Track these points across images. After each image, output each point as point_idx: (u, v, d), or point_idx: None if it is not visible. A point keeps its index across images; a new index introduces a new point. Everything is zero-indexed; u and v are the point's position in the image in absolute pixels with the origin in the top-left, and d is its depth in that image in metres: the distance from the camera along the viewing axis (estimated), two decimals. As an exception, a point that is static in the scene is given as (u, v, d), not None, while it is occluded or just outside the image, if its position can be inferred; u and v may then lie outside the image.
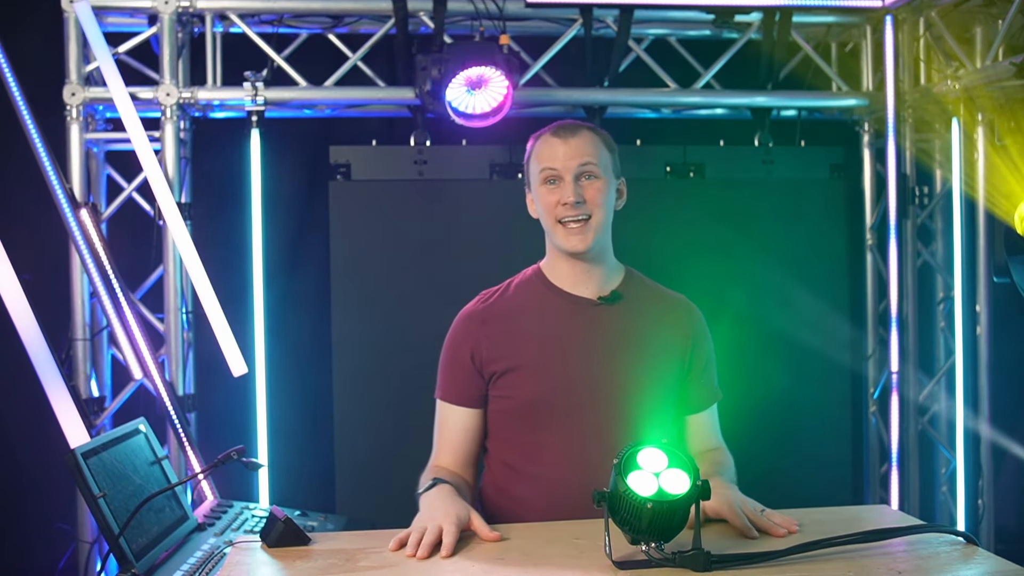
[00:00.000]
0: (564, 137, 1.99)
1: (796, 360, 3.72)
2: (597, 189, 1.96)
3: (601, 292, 2.03)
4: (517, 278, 2.12)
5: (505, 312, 2.04)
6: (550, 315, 2.01)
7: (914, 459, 3.87)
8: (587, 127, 2.03)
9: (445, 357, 2.09)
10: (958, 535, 1.65)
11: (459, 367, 2.05)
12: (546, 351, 1.99)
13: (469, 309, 2.09)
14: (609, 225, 2.01)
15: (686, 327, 2.08)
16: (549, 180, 1.98)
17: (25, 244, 3.04)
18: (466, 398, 2.05)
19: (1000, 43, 3.47)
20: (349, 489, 3.58)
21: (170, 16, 3.44)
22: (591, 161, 1.96)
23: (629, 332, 2.01)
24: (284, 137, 3.78)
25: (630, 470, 1.51)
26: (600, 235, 1.98)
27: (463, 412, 2.05)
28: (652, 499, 1.48)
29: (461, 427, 2.06)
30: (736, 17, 3.64)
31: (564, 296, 2.03)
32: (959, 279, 3.79)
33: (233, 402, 3.57)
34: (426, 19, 3.60)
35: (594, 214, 1.96)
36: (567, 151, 1.96)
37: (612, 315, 2.02)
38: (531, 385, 1.98)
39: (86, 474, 1.87)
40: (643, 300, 2.07)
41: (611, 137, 2.07)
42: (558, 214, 1.97)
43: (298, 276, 3.90)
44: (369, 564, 1.57)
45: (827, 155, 3.94)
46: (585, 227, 1.95)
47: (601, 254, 2.02)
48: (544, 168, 1.98)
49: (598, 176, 1.97)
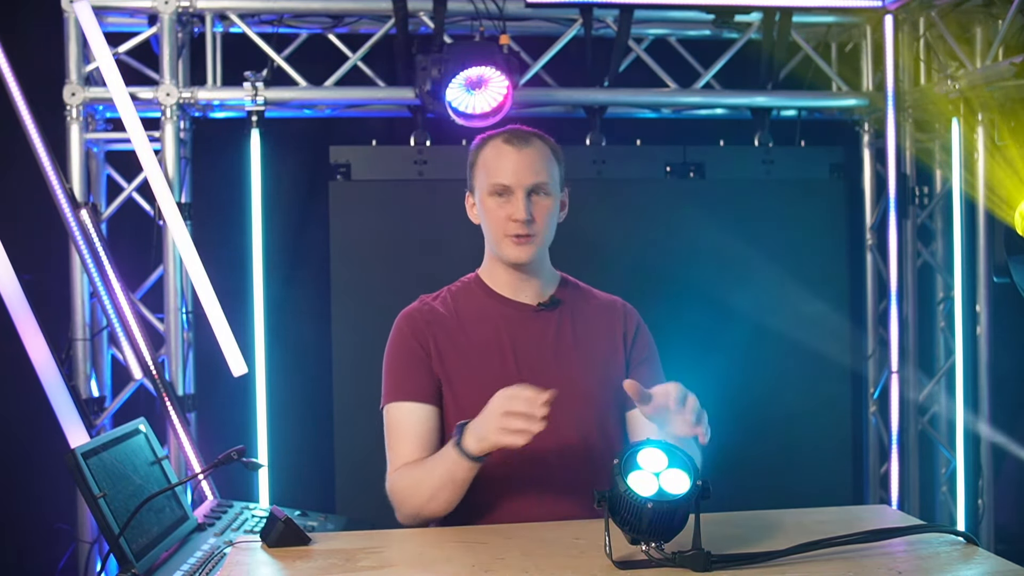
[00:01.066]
0: (517, 147, 1.95)
1: (796, 360, 3.72)
2: (546, 208, 1.95)
3: (540, 298, 2.03)
4: (454, 285, 2.10)
5: (447, 317, 2.01)
6: (493, 320, 2.00)
7: (914, 459, 3.87)
8: (539, 136, 2.01)
9: (394, 357, 2.00)
10: (958, 535, 1.65)
11: (413, 362, 1.97)
12: (491, 356, 1.97)
13: (412, 309, 2.04)
14: (552, 236, 2.02)
15: (623, 325, 2.08)
16: (499, 193, 1.96)
17: (25, 244, 3.05)
18: (425, 394, 1.96)
19: (1000, 43, 3.47)
20: (349, 489, 3.58)
21: (170, 16, 3.44)
22: (543, 180, 1.94)
23: (570, 336, 2.02)
24: (284, 137, 3.78)
25: (630, 470, 1.51)
26: (542, 248, 2.00)
27: (424, 409, 1.96)
28: (652, 499, 1.48)
29: (426, 426, 1.95)
30: (736, 17, 3.64)
31: (505, 302, 2.02)
32: (959, 279, 3.79)
33: (233, 402, 3.57)
34: (426, 19, 3.60)
35: (539, 233, 1.96)
36: (519, 164, 1.93)
37: (552, 320, 2.02)
38: (478, 391, 1.91)
39: (86, 474, 1.87)
40: (580, 304, 2.08)
41: (559, 147, 2.05)
42: (507, 229, 1.95)
43: (298, 276, 3.90)
44: (369, 564, 1.57)
45: (827, 155, 3.94)
46: (530, 241, 1.95)
47: (540, 263, 2.03)
48: (495, 182, 1.96)
49: (548, 194, 1.96)
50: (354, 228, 3.63)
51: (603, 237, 3.61)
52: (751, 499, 2.05)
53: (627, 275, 3.42)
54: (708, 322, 3.63)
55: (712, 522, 1.75)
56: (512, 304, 2.02)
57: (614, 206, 3.71)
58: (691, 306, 3.63)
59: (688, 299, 3.62)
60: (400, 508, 1.92)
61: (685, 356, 3.26)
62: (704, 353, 3.48)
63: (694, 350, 3.43)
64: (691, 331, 3.57)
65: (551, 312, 2.02)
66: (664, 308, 3.34)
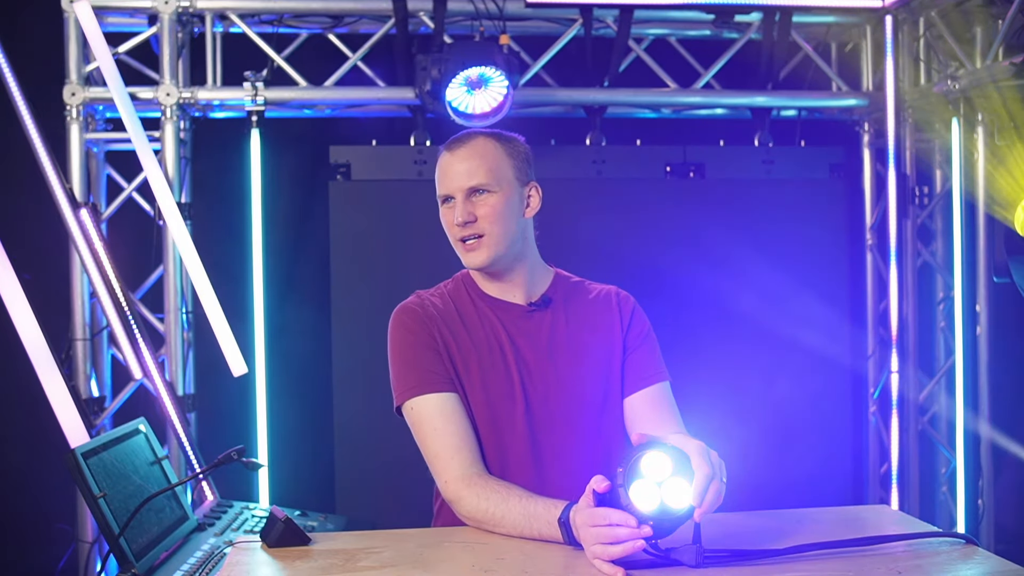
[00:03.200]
0: (454, 151, 1.96)
1: (796, 360, 3.72)
2: (490, 205, 1.91)
3: (530, 298, 2.00)
4: (448, 283, 2.07)
5: (448, 313, 1.99)
6: (485, 322, 1.98)
7: (914, 459, 3.87)
8: (483, 136, 1.98)
9: (406, 350, 1.92)
10: (957, 538, 1.65)
11: (427, 352, 1.90)
12: (493, 355, 1.95)
13: (411, 303, 2.00)
14: (513, 235, 1.94)
15: (618, 315, 2.04)
16: (445, 200, 1.96)
17: (25, 244, 3.04)
18: (449, 382, 1.89)
19: (1000, 43, 3.47)
20: (349, 489, 3.58)
21: (170, 16, 3.44)
22: (481, 179, 1.91)
23: (564, 334, 1.99)
24: (284, 137, 3.78)
25: (633, 479, 1.49)
26: (500, 248, 1.92)
27: (453, 398, 1.88)
28: (654, 516, 1.46)
29: (460, 415, 1.87)
30: (736, 17, 3.64)
31: (496, 303, 1.99)
32: (959, 279, 3.80)
33: (233, 402, 3.57)
34: (426, 19, 3.61)
35: (487, 231, 1.91)
36: (457, 169, 1.93)
37: (545, 319, 1.99)
38: (480, 388, 1.92)
39: (86, 474, 1.87)
40: (574, 301, 2.04)
41: (520, 141, 2.01)
42: (454, 234, 1.95)
43: (298, 276, 3.90)
44: (369, 564, 1.57)
45: (827, 155, 3.95)
46: (480, 243, 1.91)
47: (514, 263, 1.98)
48: (439, 193, 1.96)
49: (491, 191, 1.92)
50: (354, 228, 3.63)
51: (603, 237, 3.61)
52: (751, 499, 2.05)
53: (627, 275, 3.38)
54: (708, 322, 3.63)
55: (711, 521, 1.75)
56: (503, 305, 2.00)
57: (614, 206, 3.71)
58: (691, 306, 3.63)
59: (688, 299, 3.62)
60: (466, 518, 1.81)
61: (685, 356, 3.28)
62: (704, 353, 3.49)
63: (694, 350, 3.45)
64: (691, 331, 3.58)
65: (543, 312, 2.00)
66: (664, 308, 3.34)
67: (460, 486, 1.80)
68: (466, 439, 1.86)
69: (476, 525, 1.79)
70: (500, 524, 1.73)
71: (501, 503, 1.74)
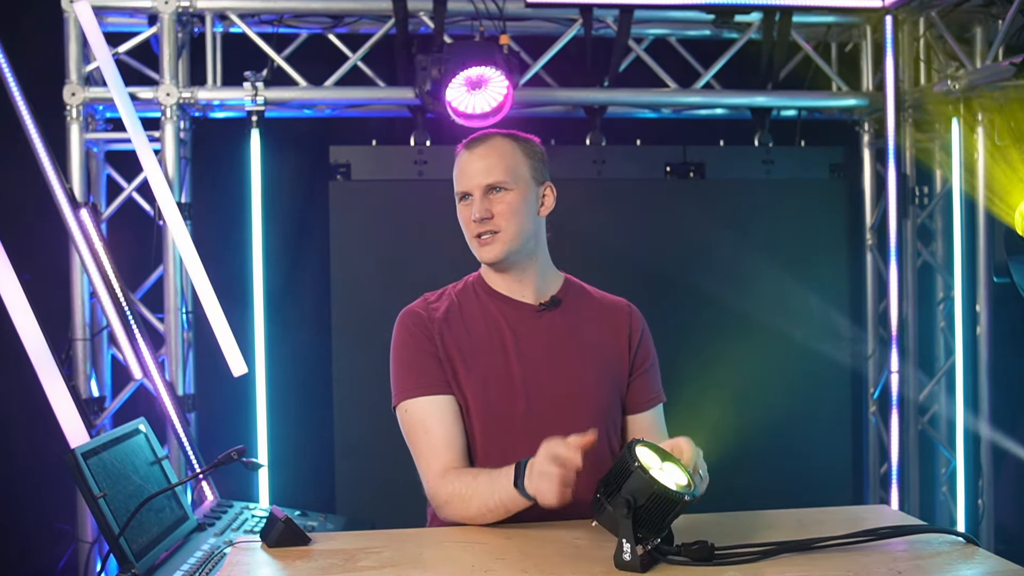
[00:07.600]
0: (472, 149, 2.00)
1: (796, 360, 3.72)
2: (507, 203, 1.96)
3: (541, 298, 2.03)
4: (457, 284, 2.09)
5: (451, 315, 2.01)
6: (495, 320, 2.00)
7: (914, 459, 3.87)
8: (501, 136, 2.02)
9: (405, 352, 1.97)
10: (958, 536, 1.65)
11: (425, 355, 1.95)
12: (494, 355, 1.97)
13: (416, 306, 2.03)
14: (527, 233, 1.99)
15: (628, 327, 2.07)
16: (462, 198, 2.00)
17: (25, 244, 3.04)
18: (442, 385, 1.93)
19: (1000, 43, 3.48)
20: (349, 489, 3.58)
21: (170, 16, 3.44)
22: (499, 177, 1.96)
23: (572, 336, 2.01)
24: (284, 137, 3.78)
25: (632, 470, 1.50)
26: (514, 245, 1.97)
27: (445, 401, 1.93)
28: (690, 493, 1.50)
29: (451, 418, 1.92)
30: (736, 17, 3.64)
31: (506, 301, 2.02)
32: (959, 279, 3.80)
33: (233, 402, 3.57)
34: (426, 19, 3.61)
35: (503, 228, 1.96)
36: (476, 167, 1.97)
37: (555, 320, 2.02)
38: (481, 389, 1.94)
39: (86, 474, 1.87)
40: (583, 304, 2.07)
41: (536, 142, 2.06)
42: (471, 230, 1.99)
43: (298, 276, 3.90)
44: (369, 564, 1.57)
45: (827, 155, 3.94)
46: (495, 239, 1.96)
47: (524, 261, 2.01)
48: (458, 190, 2.01)
49: (508, 188, 1.97)
50: (354, 228, 3.63)
51: (603, 237, 3.61)
52: (751, 499, 2.05)
53: (627, 275, 3.41)
54: (708, 321, 3.63)
55: (712, 521, 1.76)
56: (513, 303, 2.02)
57: (614, 206, 3.71)
58: (691, 306, 3.64)
59: (688, 299, 3.62)
60: (442, 511, 1.87)
61: (685, 356, 3.29)
62: (704, 352, 3.49)
63: (694, 350, 3.45)
64: (691, 331, 3.58)
65: (552, 312, 2.02)
66: (664, 308, 3.35)
67: (437, 481, 1.87)
68: (453, 441, 1.91)
69: (454, 517, 1.84)
70: (470, 503, 1.79)
71: (471, 481, 1.82)
